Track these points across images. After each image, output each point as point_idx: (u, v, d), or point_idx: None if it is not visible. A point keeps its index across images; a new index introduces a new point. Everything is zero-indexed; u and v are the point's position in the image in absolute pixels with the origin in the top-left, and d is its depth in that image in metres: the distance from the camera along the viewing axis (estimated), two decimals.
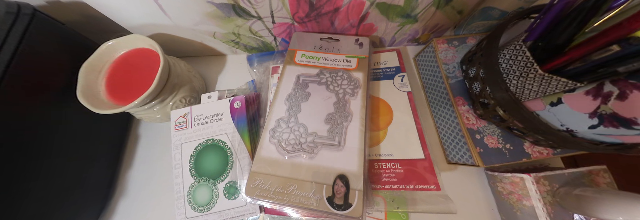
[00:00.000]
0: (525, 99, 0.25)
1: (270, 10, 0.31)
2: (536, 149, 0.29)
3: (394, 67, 0.36)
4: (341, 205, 0.25)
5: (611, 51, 0.18)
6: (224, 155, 0.31)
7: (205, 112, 0.33)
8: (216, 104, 0.33)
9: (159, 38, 0.34)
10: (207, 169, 0.31)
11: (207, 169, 0.31)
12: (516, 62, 0.23)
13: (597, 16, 0.20)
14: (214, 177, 0.30)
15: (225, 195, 0.29)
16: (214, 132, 0.32)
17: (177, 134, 0.33)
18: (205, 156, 0.31)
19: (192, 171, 0.31)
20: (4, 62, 0.24)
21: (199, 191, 0.30)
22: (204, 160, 0.31)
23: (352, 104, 0.30)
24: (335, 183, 0.26)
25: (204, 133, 0.32)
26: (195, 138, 0.32)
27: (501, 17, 0.32)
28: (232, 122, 0.32)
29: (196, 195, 0.30)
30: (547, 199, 0.27)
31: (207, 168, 0.31)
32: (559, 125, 0.23)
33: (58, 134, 0.30)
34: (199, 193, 0.30)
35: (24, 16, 0.26)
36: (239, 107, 0.33)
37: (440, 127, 0.36)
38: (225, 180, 0.30)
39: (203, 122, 0.32)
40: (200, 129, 0.32)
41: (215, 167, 0.31)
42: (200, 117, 0.33)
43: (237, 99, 0.33)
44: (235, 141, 0.31)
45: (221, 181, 0.30)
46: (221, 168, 0.30)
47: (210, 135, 0.32)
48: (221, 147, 0.31)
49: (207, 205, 0.29)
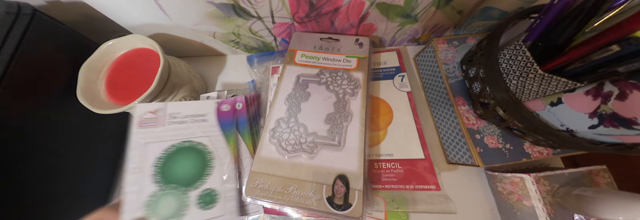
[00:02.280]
0: (525, 99, 0.25)
1: (270, 10, 0.31)
2: (536, 149, 0.29)
3: (394, 67, 0.36)
4: (341, 205, 0.25)
5: (611, 51, 0.18)
6: (202, 160, 0.28)
7: (184, 111, 0.30)
8: (200, 104, 0.31)
9: (159, 38, 0.34)
10: (179, 174, 0.27)
11: (178, 175, 0.27)
12: (516, 62, 0.23)
13: (597, 16, 0.20)
14: (185, 184, 0.26)
15: (199, 205, 0.26)
16: (193, 133, 0.29)
17: (141, 132, 0.28)
18: (178, 160, 0.27)
19: (157, 177, 0.26)
20: (4, 62, 0.24)
21: (163, 201, 0.26)
22: (176, 165, 0.27)
23: (352, 104, 0.30)
24: (335, 183, 0.26)
25: (180, 133, 0.29)
26: (167, 138, 0.28)
27: (501, 17, 0.32)
28: (217, 125, 0.29)
29: (158, 206, 0.25)
30: (547, 199, 0.27)
31: (179, 174, 0.27)
32: (559, 125, 0.23)
33: (58, 134, 0.30)
34: (163, 203, 0.25)
35: (24, 16, 0.26)
36: (227, 110, 0.30)
37: (440, 127, 0.36)
38: (200, 188, 0.26)
39: (180, 122, 0.29)
40: (175, 128, 0.29)
41: (189, 173, 0.27)
42: (177, 115, 0.29)
43: (225, 102, 0.31)
44: (218, 146, 0.28)
45: (194, 189, 0.26)
46: (197, 174, 0.27)
47: (188, 136, 0.29)
48: (200, 151, 0.28)
49: (172, 217, 0.25)
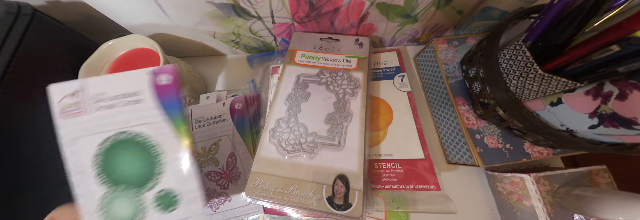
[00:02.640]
0: (525, 99, 0.25)
1: (270, 10, 0.31)
2: (536, 149, 0.29)
3: (394, 67, 0.36)
4: (341, 205, 0.25)
5: (611, 51, 0.18)
6: (147, 156, 0.22)
7: (110, 89, 0.22)
8: (126, 77, 0.23)
9: (159, 38, 0.34)
10: (126, 173, 0.22)
11: (125, 174, 0.22)
12: (516, 62, 0.23)
13: (597, 16, 0.20)
14: (137, 185, 0.22)
15: (157, 208, 0.22)
16: (127, 121, 0.22)
17: (66, 124, 0.22)
18: (120, 156, 0.22)
19: (102, 177, 0.22)
20: (4, 62, 0.24)
21: (117, 205, 0.22)
22: (119, 162, 0.22)
23: (352, 104, 0.30)
24: (335, 183, 0.26)
25: (111, 122, 0.22)
26: (97, 129, 0.22)
27: (501, 17, 0.32)
28: (157, 107, 0.22)
29: (112, 210, 0.22)
30: (547, 199, 0.27)
31: (126, 172, 0.22)
32: (559, 125, 0.23)
33: None
34: (117, 207, 0.22)
35: (24, 16, 0.26)
36: (167, 82, 0.23)
37: (440, 127, 0.36)
38: (155, 188, 0.22)
39: (109, 105, 0.22)
40: (104, 115, 0.22)
41: (137, 172, 0.22)
42: (102, 96, 0.22)
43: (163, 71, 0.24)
44: (162, 135, 0.22)
45: (148, 190, 0.22)
46: (146, 173, 0.22)
47: (122, 125, 0.22)
48: (141, 144, 0.22)
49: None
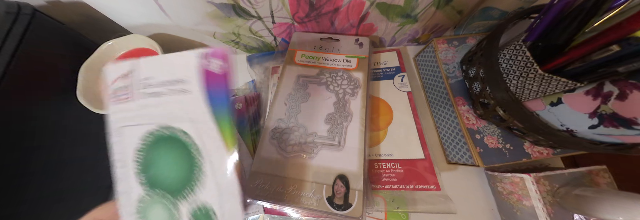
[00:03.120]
0: (525, 99, 0.25)
1: (270, 10, 0.31)
2: (536, 149, 0.29)
3: (394, 67, 0.36)
4: (341, 205, 0.25)
5: (611, 51, 0.18)
6: (187, 159, 0.17)
7: (158, 74, 0.18)
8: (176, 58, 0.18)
9: (159, 38, 0.34)
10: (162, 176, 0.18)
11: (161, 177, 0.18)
12: (516, 62, 0.23)
13: (597, 16, 0.20)
14: (173, 191, 0.17)
15: None
16: (171, 113, 0.17)
17: (116, 110, 0.19)
18: (160, 155, 0.18)
19: (141, 177, 0.18)
20: (4, 62, 0.24)
21: (153, 211, 0.17)
22: (158, 162, 0.18)
23: (352, 104, 0.30)
24: (335, 183, 0.26)
25: (155, 113, 0.18)
26: (142, 120, 0.18)
27: (501, 17, 0.32)
28: (205, 100, 0.17)
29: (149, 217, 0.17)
30: (547, 199, 0.27)
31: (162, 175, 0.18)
32: (559, 125, 0.23)
33: (57, 134, 0.30)
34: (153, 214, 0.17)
35: (24, 16, 0.26)
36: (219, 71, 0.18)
37: (440, 127, 0.36)
38: (189, 198, 0.17)
39: (154, 93, 0.18)
40: (148, 104, 0.18)
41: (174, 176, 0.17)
42: (150, 81, 0.18)
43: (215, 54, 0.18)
44: (206, 136, 0.16)
45: (183, 199, 0.17)
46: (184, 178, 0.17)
47: (166, 118, 0.18)
48: (182, 145, 0.17)
49: None
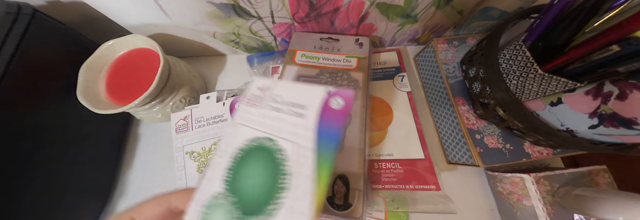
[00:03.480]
0: (525, 99, 0.25)
1: (270, 10, 0.31)
2: (536, 149, 0.29)
3: (394, 67, 0.36)
4: (341, 205, 0.25)
5: (611, 51, 0.18)
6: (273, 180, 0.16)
7: (288, 95, 0.20)
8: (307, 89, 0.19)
9: (159, 38, 0.34)
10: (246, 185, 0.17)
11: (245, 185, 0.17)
12: (516, 62, 0.23)
13: (597, 16, 0.20)
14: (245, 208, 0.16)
15: None
16: (280, 129, 0.18)
17: (243, 109, 0.20)
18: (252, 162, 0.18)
19: (228, 174, 0.18)
20: (4, 62, 0.24)
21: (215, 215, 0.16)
22: (248, 168, 0.18)
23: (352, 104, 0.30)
24: (335, 183, 0.26)
25: (269, 125, 0.19)
26: (256, 126, 0.19)
27: (501, 17, 0.32)
28: (313, 129, 0.17)
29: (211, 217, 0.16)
30: (547, 199, 0.27)
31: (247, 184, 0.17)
32: (559, 125, 0.23)
33: (58, 134, 0.30)
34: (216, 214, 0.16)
35: (24, 16, 0.26)
36: (339, 107, 0.19)
37: (440, 127, 0.36)
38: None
39: (277, 108, 0.19)
40: (268, 116, 0.19)
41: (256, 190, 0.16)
42: (278, 99, 0.20)
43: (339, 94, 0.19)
44: (300, 165, 0.16)
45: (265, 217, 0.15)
46: (262, 197, 0.16)
47: (275, 131, 0.18)
48: (276, 162, 0.17)
49: None
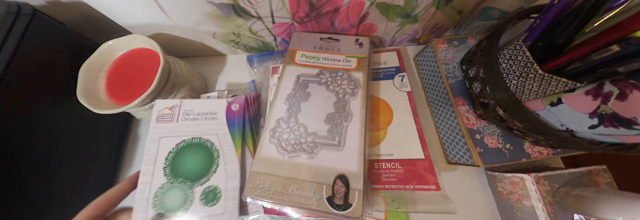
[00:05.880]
0: (525, 99, 0.25)
1: (270, 10, 0.31)
2: (536, 149, 0.29)
3: (394, 67, 0.36)
4: (341, 205, 0.25)
5: (611, 51, 0.18)
6: (209, 157, 0.28)
7: (197, 108, 0.31)
8: (212, 102, 0.31)
9: (159, 38, 0.34)
10: (186, 169, 0.28)
11: (185, 170, 0.28)
12: (516, 62, 0.23)
13: (597, 16, 0.20)
14: (192, 179, 0.27)
15: (202, 201, 0.26)
16: (203, 130, 0.30)
17: (158, 126, 0.29)
18: (187, 155, 0.28)
19: (167, 170, 0.27)
20: (4, 62, 0.24)
21: (170, 194, 0.26)
22: (184, 160, 0.28)
23: (352, 104, 0.30)
24: (335, 183, 0.26)
25: (190, 130, 0.29)
26: (178, 133, 0.29)
27: (501, 17, 0.32)
28: (226, 123, 0.30)
29: (165, 198, 0.26)
30: (547, 199, 0.27)
31: (187, 168, 0.28)
32: (559, 125, 0.23)
33: (58, 134, 0.30)
34: (170, 196, 0.26)
35: (24, 16, 0.26)
36: (236, 109, 0.31)
37: (440, 127, 0.36)
38: (204, 184, 0.27)
39: (192, 118, 0.30)
40: (187, 124, 0.30)
41: (196, 168, 0.28)
42: (190, 112, 0.30)
43: (236, 101, 0.32)
44: (224, 144, 0.29)
45: (200, 184, 0.27)
46: (203, 170, 0.28)
47: (198, 133, 0.29)
48: (208, 148, 0.29)
49: (177, 210, 0.26)
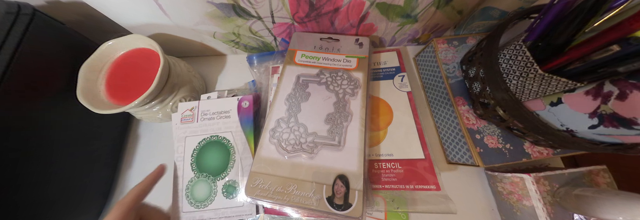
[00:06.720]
0: (525, 99, 0.25)
1: (270, 10, 0.31)
2: (536, 149, 0.29)
3: (394, 67, 0.36)
4: (341, 205, 0.25)
5: (611, 51, 0.18)
6: (226, 153, 0.31)
7: (212, 108, 0.33)
8: (224, 101, 0.34)
9: (159, 38, 0.34)
10: (208, 165, 0.31)
11: (208, 165, 0.31)
12: (516, 62, 0.23)
13: (597, 16, 0.20)
14: (214, 174, 0.30)
15: (223, 194, 0.29)
16: (219, 128, 0.32)
17: (183, 127, 0.33)
18: (208, 152, 0.31)
19: (193, 166, 0.31)
20: (4, 62, 0.24)
21: (198, 187, 0.30)
22: (206, 156, 0.31)
23: (352, 104, 0.30)
24: (335, 183, 0.26)
25: (209, 129, 0.32)
26: (199, 133, 0.32)
27: (501, 17, 0.32)
28: (238, 121, 0.32)
29: (195, 191, 0.30)
30: (547, 199, 0.27)
31: (208, 164, 0.31)
32: (559, 125, 0.23)
33: (58, 134, 0.30)
34: (198, 188, 0.30)
35: (24, 16, 0.26)
36: (246, 106, 0.33)
37: (440, 127, 0.36)
38: (225, 179, 0.30)
39: (209, 118, 0.33)
40: (205, 124, 0.33)
41: (216, 164, 0.31)
42: (207, 112, 0.33)
43: (245, 99, 0.33)
44: (238, 140, 0.31)
45: (221, 179, 0.30)
46: (222, 165, 0.31)
47: (215, 131, 0.32)
48: (224, 145, 0.31)
49: (205, 201, 0.29)
